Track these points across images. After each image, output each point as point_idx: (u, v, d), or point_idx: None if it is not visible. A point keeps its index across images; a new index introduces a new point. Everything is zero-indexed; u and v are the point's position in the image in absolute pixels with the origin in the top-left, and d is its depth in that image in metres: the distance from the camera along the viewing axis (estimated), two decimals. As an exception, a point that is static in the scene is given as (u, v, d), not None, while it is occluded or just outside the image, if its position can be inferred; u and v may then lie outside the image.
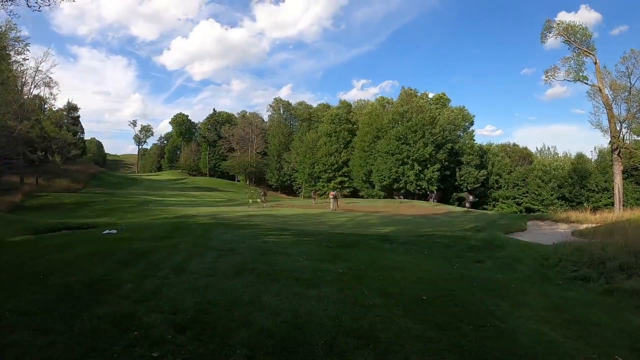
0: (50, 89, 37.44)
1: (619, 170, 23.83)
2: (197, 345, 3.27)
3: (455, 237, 12.10)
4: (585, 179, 44.58)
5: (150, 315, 3.87)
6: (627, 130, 24.74)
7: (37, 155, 34.19)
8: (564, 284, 7.41)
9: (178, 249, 7.62)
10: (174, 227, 11.98)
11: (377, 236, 12.39)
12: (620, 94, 23.84)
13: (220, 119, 78.17)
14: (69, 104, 50.78)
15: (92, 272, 5.56)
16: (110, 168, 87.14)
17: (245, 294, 4.76)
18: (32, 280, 5.01)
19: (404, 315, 4.42)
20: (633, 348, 4.22)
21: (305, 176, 57.15)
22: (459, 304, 5.16)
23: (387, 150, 46.27)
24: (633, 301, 6.15)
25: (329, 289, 5.16)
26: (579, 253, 8.62)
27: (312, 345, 3.43)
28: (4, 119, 25.05)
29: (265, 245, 8.65)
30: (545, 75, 25.65)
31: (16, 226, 13.43)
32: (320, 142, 56.55)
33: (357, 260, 7.68)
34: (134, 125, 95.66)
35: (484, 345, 3.81)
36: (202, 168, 79.80)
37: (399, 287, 5.68)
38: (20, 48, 26.51)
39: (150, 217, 19.08)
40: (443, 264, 8.76)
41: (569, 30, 23.97)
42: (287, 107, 72.66)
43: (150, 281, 5.19)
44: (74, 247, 7.85)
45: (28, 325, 3.45)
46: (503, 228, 14.71)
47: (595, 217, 17.00)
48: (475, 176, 49.05)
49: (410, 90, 57.76)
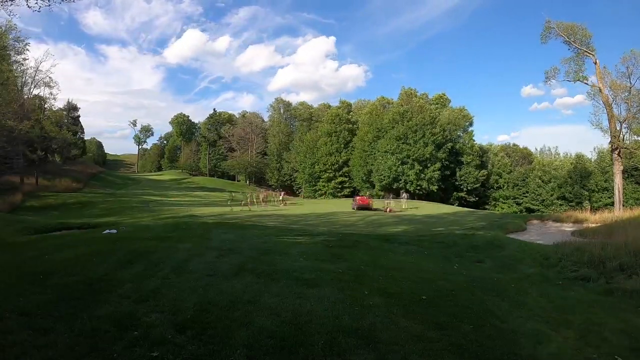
0: (50, 88, 37.47)
1: (619, 170, 23.78)
2: (197, 345, 3.27)
3: (455, 237, 12.11)
4: (585, 179, 44.57)
5: (150, 315, 3.86)
6: (627, 130, 24.69)
7: (37, 155, 34.15)
8: (564, 284, 7.41)
9: (178, 249, 7.63)
10: (174, 227, 11.99)
11: (378, 236, 12.40)
12: (620, 94, 23.79)
13: (220, 119, 78.14)
14: (69, 103, 50.70)
15: (92, 272, 5.56)
16: (110, 168, 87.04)
17: (245, 294, 4.75)
18: (32, 280, 5.01)
19: (404, 315, 4.42)
20: (633, 348, 4.22)
21: (306, 176, 57.12)
22: (459, 304, 5.16)
23: (387, 149, 46.27)
24: (633, 301, 6.14)
25: (329, 289, 5.16)
26: (579, 253, 8.61)
27: (312, 345, 3.42)
28: (4, 118, 25.01)
29: (265, 245, 8.65)
30: (546, 75, 25.62)
31: (16, 226, 13.44)
32: (320, 142, 56.50)
33: (357, 260, 7.68)
34: (134, 125, 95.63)
35: (484, 345, 3.81)
36: (202, 168, 79.78)
37: (399, 287, 5.68)
38: (20, 48, 26.55)
39: (152, 217, 19.08)
40: (443, 264, 8.76)
41: (568, 30, 23.93)
42: (287, 107, 72.63)
43: (151, 281, 5.19)
44: (74, 247, 7.85)
45: (28, 325, 3.45)
46: (503, 228, 14.71)
47: (595, 217, 17.00)
48: (475, 176, 49.06)
49: (411, 90, 57.74)
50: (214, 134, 76.57)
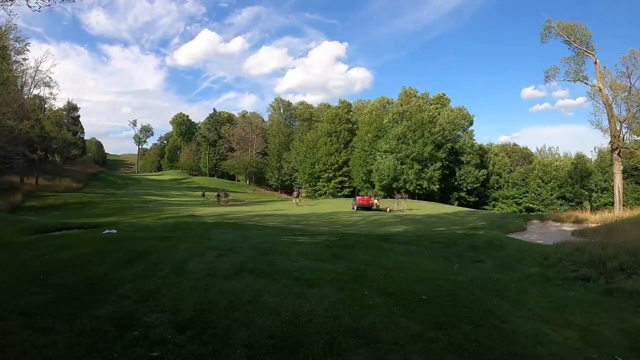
0: (50, 88, 37.50)
1: (619, 170, 23.78)
2: (197, 345, 3.27)
3: (455, 237, 12.11)
4: (585, 179, 44.56)
5: (150, 315, 3.86)
6: (627, 130, 24.69)
7: (37, 155, 34.15)
8: (564, 284, 7.40)
9: (178, 249, 7.62)
10: (175, 227, 12.00)
11: (377, 236, 12.40)
12: (620, 94, 23.78)
13: (220, 119, 78.12)
14: (69, 103, 50.69)
15: (92, 272, 5.55)
16: (110, 168, 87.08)
17: (245, 294, 4.75)
18: (32, 280, 5.01)
19: (404, 315, 4.41)
20: (633, 348, 4.22)
21: (306, 176, 57.13)
22: (459, 304, 5.16)
23: (387, 149, 46.26)
24: (633, 301, 6.14)
25: (329, 289, 5.15)
26: (579, 253, 8.61)
27: (312, 345, 3.42)
28: (4, 119, 25.01)
29: (266, 245, 8.65)
30: (546, 75, 25.61)
31: (16, 226, 13.44)
32: (320, 142, 56.50)
33: (357, 260, 7.68)
34: (134, 125, 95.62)
35: (483, 345, 3.81)
36: (203, 168, 79.77)
37: (399, 287, 5.68)
38: (20, 48, 26.54)
39: (152, 217, 19.09)
40: (443, 264, 8.76)
41: (568, 29, 23.92)
42: (287, 106, 72.61)
43: (151, 281, 5.18)
44: (74, 247, 7.85)
45: (28, 325, 3.44)
46: (503, 228, 14.71)
47: (595, 217, 17.00)
48: (475, 176, 49.03)
49: (411, 90, 57.69)
50: (214, 134, 76.58)
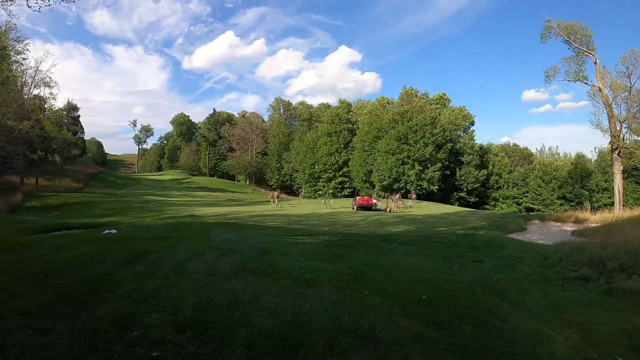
0: (50, 88, 37.53)
1: (619, 170, 23.76)
2: (197, 345, 3.27)
3: (455, 237, 12.10)
4: (585, 179, 44.54)
5: (150, 315, 3.87)
6: (627, 130, 24.69)
7: (37, 155, 34.16)
8: (564, 284, 7.40)
9: (178, 249, 7.63)
10: (175, 227, 11.99)
11: (378, 236, 12.40)
12: (620, 94, 23.77)
13: (220, 119, 78.12)
14: (69, 103, 50.67)
15: (92, 272, 5.56)
16: (110, 168, 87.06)
17: (245, 294, 4.75)
18: (32, 280, 5.01)
19: (404, 315, 4.41)
20: (633, 348, 4.21)
21: (306, 176, 57.10)
22: (459, 304, 5.16)
23: (388, 150, 46.24)
24: (633, 301, 6.13)
25: (329, 289, 5.16)
26: (579, 253, 8.60)
27: (312, 345, 3.42)
28: (4, 119, 25.02)
29: (266, 245, 8.65)
30: (546, 75, 25.61)
31: (16, 226, 13.44)
32: (320, 142, 56.48)
33: (357, 260, 7.68)
34: (134, 125, 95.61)
35: (483, 345, 3.81)
36: (203, 168, 79.76)
37: (399, 287, 5.68)
38: (20, 48, 26.54)
39: (152, 217, 19.08)
40: (443, 264, 8.76)
41: (568, 29, 23.90)
42: (287, 107, 72.60)
43: (151, 281, 5.18)
44: (74, 247, 7.85)
45: (28, 325, 3.45)
46: (503, 228, 14.70)
47: (596, 217, 16.97)
48: (476, 176, 49.03)
49: (411, 90, 57.68)
50: (213, 134, 76.55)
